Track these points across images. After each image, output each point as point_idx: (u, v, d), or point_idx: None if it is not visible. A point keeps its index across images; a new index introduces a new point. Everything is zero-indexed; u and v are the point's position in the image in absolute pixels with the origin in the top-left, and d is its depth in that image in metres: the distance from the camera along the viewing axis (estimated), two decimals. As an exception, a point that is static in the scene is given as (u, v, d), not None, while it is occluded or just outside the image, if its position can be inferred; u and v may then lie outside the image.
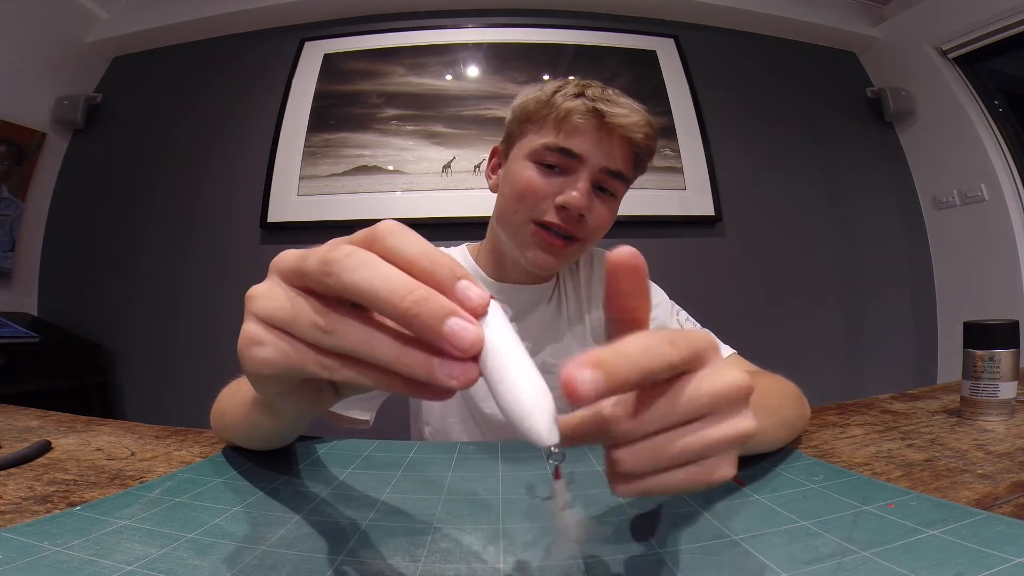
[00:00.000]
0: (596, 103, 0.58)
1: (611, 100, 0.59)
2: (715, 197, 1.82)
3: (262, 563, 0.25)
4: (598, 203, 0.61)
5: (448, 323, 0.18)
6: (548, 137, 0.59)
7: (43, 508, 0.31)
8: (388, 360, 0.19)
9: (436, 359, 0.18)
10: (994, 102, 1.78)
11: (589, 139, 0.58)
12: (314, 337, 0.20)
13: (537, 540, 0.28)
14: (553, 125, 0.59)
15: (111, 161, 1.91)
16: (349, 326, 0.20)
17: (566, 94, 0.59)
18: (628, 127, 0.58)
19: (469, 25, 1.93)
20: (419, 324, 0.18)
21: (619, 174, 0.60)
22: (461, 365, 0.18)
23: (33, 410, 0.59)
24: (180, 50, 1.98)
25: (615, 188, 0.62)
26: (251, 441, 0.41)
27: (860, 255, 1.95)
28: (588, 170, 0.59)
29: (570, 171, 0.59)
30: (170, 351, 1.75)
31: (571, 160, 0.59)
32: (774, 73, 2.02)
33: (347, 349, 0.20)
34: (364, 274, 0.19)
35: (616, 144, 0.59)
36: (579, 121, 0.58)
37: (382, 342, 0.19)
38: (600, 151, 0.59)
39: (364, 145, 1.80)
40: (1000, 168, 1.72)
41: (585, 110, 0.58)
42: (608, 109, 0.58)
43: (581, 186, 0.58)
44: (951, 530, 0.26)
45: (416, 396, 0.20)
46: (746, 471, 0.37)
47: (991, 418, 0.49)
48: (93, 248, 1.87)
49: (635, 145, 0.60)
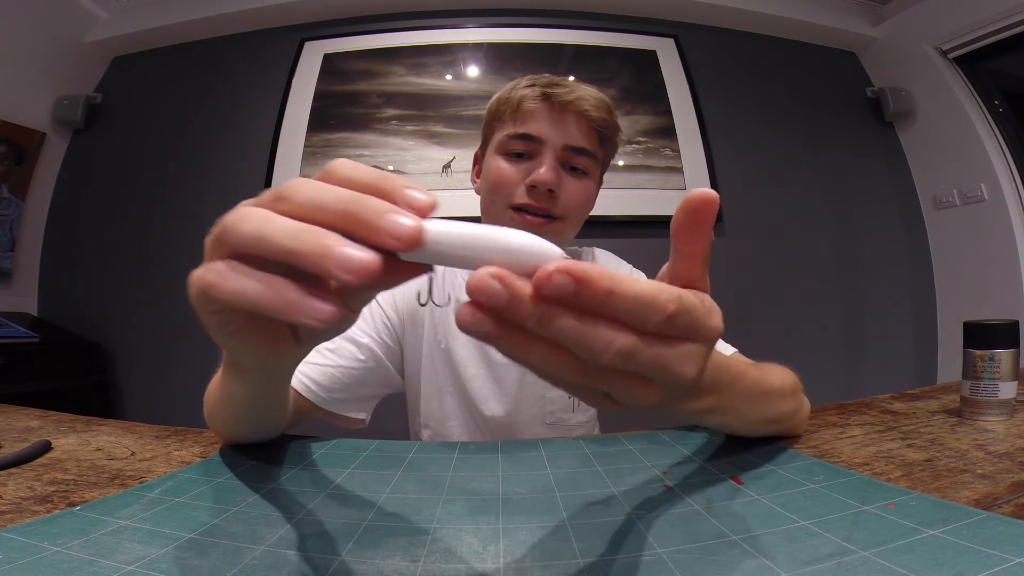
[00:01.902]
0: (545, 88, 0.62)
1: (561, 84, 0.63)
2: (715, 197, 1.82)
3: (262, 563, 0.25)
4: (570, 180, 0.63)
5: (386, 216, 0.19)
6: (509, 128, 0.63)
7: (43, 508, 0.31)
8: (284, 242, 0.19)
9: (333, 239, 0.18)
10: (994, 102, 1.79)
11: (544, 121, 0.62)
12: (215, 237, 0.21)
13: (537, 540, 0.28)
14: (511, 116, 0.64)
15: (111, 161, 1.92)
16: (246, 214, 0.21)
17: (519, 86, 0.64)
18: (576, 102, 0.61)
19: (469, 25, 1.93)
20: (360, 225, 0.19)
21: (582, 150, 0.63)
22: (360, 250, 0.18)
23: (33, 410, 0.59)
24: (180, 50, 1.99)
25: (584, 165, 0.64)
26: (233, 422, 0.41)
27: (860, 255, 1.95)
28: (551, 150, 0.62)
29: (535, 154, 0.62)
30: (170, 351, 1.75)
31: (533, 144, 0.62)
32: (774, 73, 2.03)
33: (244, 235, 0.20)
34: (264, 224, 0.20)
35: (572, 122, 0.62)
36: (531, 106, 0.62)
37: (276, 226, 0.19)
38: (557, 130, 0.62)
39: (364, 145, 1.80)
40: (1000, 168, 1.72)
41: (535, 95, 0.62)
42: (556, 91, 0.62)
43: (546, 163, 0.61)
44: (951, 530, 0.26)
45: (308, 310, 0.19)
46: (746, 471, 0.37)
47: (991, 418, 0.49)
48: (93, 248, 1.88)
49: (591, 120, 0.63)
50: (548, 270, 0.17)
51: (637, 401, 0.21)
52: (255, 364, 0.30)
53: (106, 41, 1.95)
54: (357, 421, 0.63)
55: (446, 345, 0.67)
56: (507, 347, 0.19)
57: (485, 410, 0.66)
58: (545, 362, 0.19)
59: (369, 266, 0.18)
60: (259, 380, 0.34)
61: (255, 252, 0.20)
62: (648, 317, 0.19)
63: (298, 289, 0.19)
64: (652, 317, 0.19)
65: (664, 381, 0.21)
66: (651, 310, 0.19)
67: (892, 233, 1.99)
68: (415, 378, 0.69)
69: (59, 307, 1.86)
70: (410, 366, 0.69)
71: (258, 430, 0.43)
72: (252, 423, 0.42)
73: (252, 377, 0.33)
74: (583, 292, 0.17)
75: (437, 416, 0.68)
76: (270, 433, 0.45)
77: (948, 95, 1.84)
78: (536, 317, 0.18)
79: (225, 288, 0.20)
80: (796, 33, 2.05)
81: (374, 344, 0.64)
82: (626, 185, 1.80)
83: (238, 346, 0.26)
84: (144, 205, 1.85)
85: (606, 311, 0.18)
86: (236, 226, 0.20)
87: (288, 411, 0.45)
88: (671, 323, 0.19)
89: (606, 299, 0.18)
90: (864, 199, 1.98)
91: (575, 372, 0.20)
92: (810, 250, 1.93)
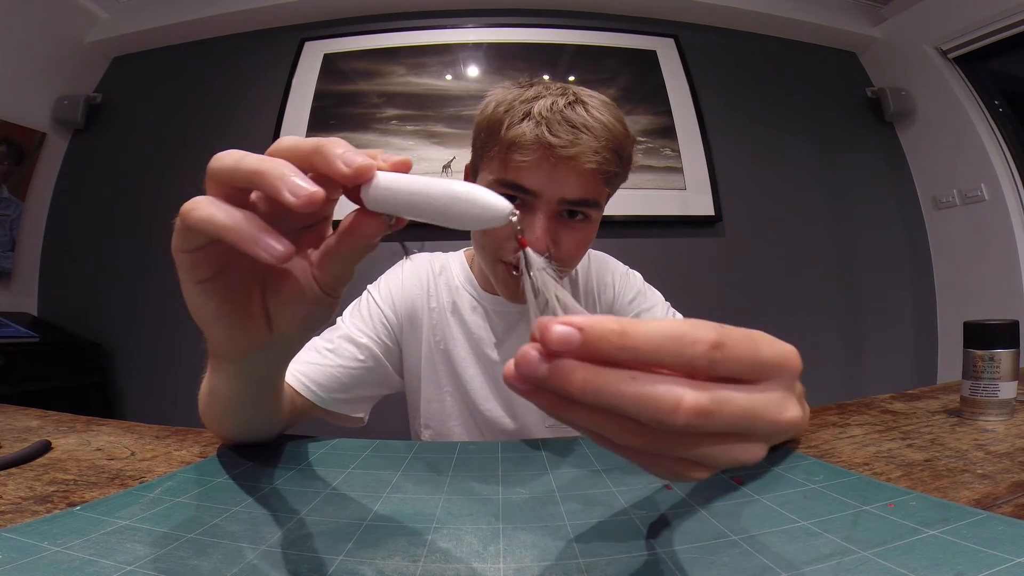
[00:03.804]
0: (544, 129, 0.50)
1: (564, 120, 0.50)
2: (715, 197, 1.82)
3: (262, 563, 0.25)
4: (566, 232, 0.54)
5: (345, 153, 0.22)
6: (497, 171, 0.53)
7: (43, 508, 0.31)
8: (252, 164, 0.23)
9: (291, 169, 0.22)
10: (994, 102, 1.79)
11: (539, 172, 0.51)
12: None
13: (537, 540, 0.28)
14: (499, 156, 0.53)
15: (111, 161, 1.91)
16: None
17: (514, 114, 0.51)
18: (579, 157, 0.50)
19: (469, 25, 1.93)
20: (321, 157, 0.23)
21: (583, 201, 0.53)
22: (309, 183, 0.22)
23: (33, 410, 0.59)
24: (180, 50, 1.98)
25: (585, 212, 0.55)
26: (223, 419, 0.41)
27: (860, 255, 1.95)
28: (544, 205, 0.52)
29: (526, 205, 0.53)
30: (170, 351, 1.75)
31: (525, 195, 0.52)
32: (774, 73, 2.03)
33: (223, 163, 0.24)
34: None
35: (573, 176, 0.51)
36: (524, 157, 0.51)
37: (252, 156, 0.23)
38: (554, 183, 0.51)
39: (364, 145, 1.78)
40: (1000, 168, 1.72)
41: (530, 139, 0.50)
42: (558, 139, 0.49)
43: (538, 227, 0.52)
44: (951, 530, 0.26)
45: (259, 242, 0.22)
46: (746, 471, 0.37)
47: (991, 418, 0.49)
48: (93, 248, 1.87)
49: (597, 170, 0.52)
50: (544, 325, 0.16)
51: (738, 463, 0.17)
52: (230, 350, 0.31)
53: (106, 41, 1.95)
54: (356, 420, 0.63)
55: (444, 346, 0.67)
56: (549, 408, 0.17)
57: (485, 410, 0.66)
58: (595, 425, 0.17)
59: (315, 195, 0.21)
60: (240, 373, 0.34)
61: (228, 178, 0.24)
62: (683, 351, 0.16)
63: (262, 225, 0.23)
64: (688, 351, 0.16)
65: (763, 433, 0.17)
66: (682, 343, 0.16)
67: (892, 233, 1.99)
68: (415, 378, 0.69)
69: (59, 307, 1.85)
70: (410, 366, 0.69)
71: (250, 429, 0.43)
72: (241, 421, 0.41)
73: (233, 369, 0.33)
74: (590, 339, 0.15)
75: (438, 416, 0.68)
76: (265, 433, 0.44)
77: (948, 95, 1.84)
78: (580, 389, 0.16)
79: (196, 213, 0.23)
80: (796, 33, 2.05)
81: (373, 344, 0.64)
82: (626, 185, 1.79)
83: (204, 304, 0.27)
84: (144, 205, 1.85)
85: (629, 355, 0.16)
86: (218, 159, 0.24)
87: (281, 411, 0.45)
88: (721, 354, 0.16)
89: (620, 341, 0.16)
90: (864, 199, 1.98)
91: (633, 435, 0.17)
92: (810, 250, 1.93)
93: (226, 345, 0.30)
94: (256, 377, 0.35)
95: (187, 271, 0.26)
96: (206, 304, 0.27)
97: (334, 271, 0.26)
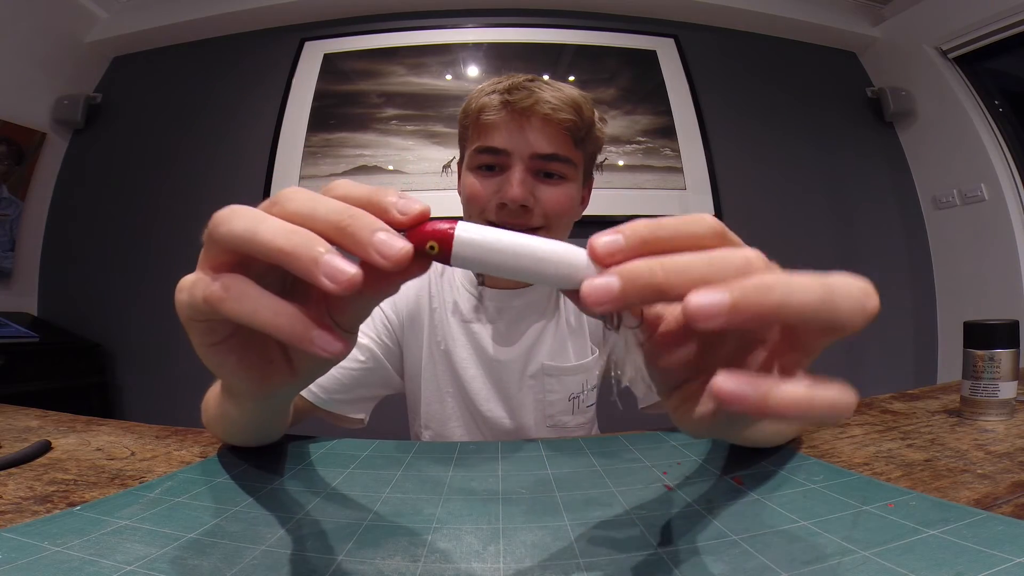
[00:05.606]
0: (505, 93, 0.57)
1: (521, 86, 0.58)
2: (715, 197, 1.82)
3: (262, 563, 0.25)
4: (546, 188, 0.59)
5: (376, 235, 0.18)
6: (475, 141, 0.60)
7: (43, 508, 0.31)
8: (275, 240, 0.19)
9: (324, 246, 0.18)
10: (994, 102, 1.78)
11: (507, 131, 0.57)
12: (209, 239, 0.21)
13: (537, 540, 0.28)
14: (475, 129, 0.60)
15: (111, 161, 1.92)
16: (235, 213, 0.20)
17: (482, 91, 0.60)
18: (535, 107, 0.56)
19: (469, 25, 1.93)
20: (349, 239, 0.19)
21: (553, 156, 0.58)
22: (347, 263, 0.18)
23: (33, 410, 0.59)
24: (180, 50, 1.99)
25: (560, 170, 0.59)
26: (231, 435, 0.41)
27: (860, 255, 1.95)
28: (518, 161, 0.57)
29: (504, 167, 0.59)
30: (170, 351, 1.75)
31: (500, 156, 0.58)
32: (774, 73, 2.02)
33: (235, 232, 0.19)
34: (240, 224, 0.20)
35: (536, 128, 0.57)
36: (491, 117, 0.58)
37: (269, 225, 0.19)
38: (522, 140, 0.57)
39: (364, 145, 1.80)
40: (1000, 168, 1.72)
41: (496, 103, 0.57)
42: (515, 96, 0.56)
43: (515, 178, 0.57)
44: (951, 530, 0.26)
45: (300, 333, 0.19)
46: (746, 471, 0.37)
47: (991, 418, 0.49)
48: (93, 248, 1.87)
49: (557, 123, 0.57)
50: (590, 241, 0.19)
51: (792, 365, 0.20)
52: (253, 394, 0.28)
53: (106, 41, 1.95)
54: (356, 421, 0.63)
55: (445, 347, 0.67)
56: (661, 347, 0.22)
57: (486, 411, 0.66)
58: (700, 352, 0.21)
59: (354, 280, 0.18)
60: (254, 406, 0.33)
61: (245, 250, 0.19)
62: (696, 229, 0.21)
63: (312, 319, 0.19)
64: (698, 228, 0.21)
65: (832, 323, 0.18)
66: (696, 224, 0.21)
67: (892, 233, 1.99)
68: (416, 379, 0.69)
69: (59, 307, 1.85)
70: (410, 367, 0.69)
71: (256, 439, 0.43)
72: (250, 437, 0.42)
73: (246, 403, 0.32)
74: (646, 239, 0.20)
75: (438, 417, 0.68)
76: (270, 440, 0.45)
77: (948, 95, 1.84)
78: (649, 271, 0.19)
79: (234, 307, 0.20)
80: (796, 33, 2.05)
81: (374, 345, 0.64)
82: (626, 185, 1.80)
83: (222, 363, 0.24)
84: (144, 205, 1.85)
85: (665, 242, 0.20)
86: (228, 221, 0.20)
87: (288, 422, 0.45)
88: (723, 239, 0.21)
89: (652, 233, 0.21)
90: (864, 199, 1.98)
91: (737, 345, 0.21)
92: (810, 250, 1.92)
93: (248, 391, 0.28)
94: (272, 407, 0.35)
95: (200, 335, 0.23)
96: (224, 363, 0.25)
97: (357, 314, 0.24)
